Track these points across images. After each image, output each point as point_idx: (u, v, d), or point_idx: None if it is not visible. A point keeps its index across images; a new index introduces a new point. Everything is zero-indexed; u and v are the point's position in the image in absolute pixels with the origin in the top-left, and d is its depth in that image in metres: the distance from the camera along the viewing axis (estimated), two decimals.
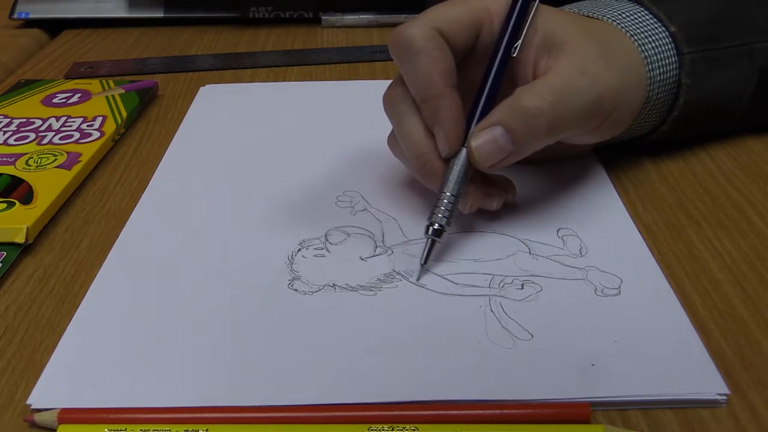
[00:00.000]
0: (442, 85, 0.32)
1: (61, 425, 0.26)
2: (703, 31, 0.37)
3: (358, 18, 0.68)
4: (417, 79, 0.33)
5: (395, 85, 0.35)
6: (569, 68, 0.32)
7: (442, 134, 0.32)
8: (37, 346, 0.30)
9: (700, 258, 0.33)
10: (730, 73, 0.38)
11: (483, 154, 0.32)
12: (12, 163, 0.42)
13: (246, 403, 0.26)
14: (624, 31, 0.36)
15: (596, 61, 0.33)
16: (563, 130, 0.33)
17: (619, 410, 0.26)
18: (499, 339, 0.29)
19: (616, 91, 0.34)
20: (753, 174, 0.39)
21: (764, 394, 0.26)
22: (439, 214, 0.32)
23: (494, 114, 0.32)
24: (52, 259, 0.36)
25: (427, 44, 0.32)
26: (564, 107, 0.32)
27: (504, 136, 0.31)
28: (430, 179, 0.34)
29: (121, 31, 0.69)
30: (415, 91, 0.33)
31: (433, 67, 0.32)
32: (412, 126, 0.34)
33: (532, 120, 0.31)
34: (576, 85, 0.32)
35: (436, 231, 0.32)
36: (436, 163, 0.33)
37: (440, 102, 0.32)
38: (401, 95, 0.34)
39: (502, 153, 0.32)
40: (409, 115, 0.34)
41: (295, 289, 0.32)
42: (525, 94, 0.32)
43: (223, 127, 0.48)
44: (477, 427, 0.25)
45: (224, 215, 0.38)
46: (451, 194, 0.32)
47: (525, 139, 0.32)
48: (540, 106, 0.31)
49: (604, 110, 0.33)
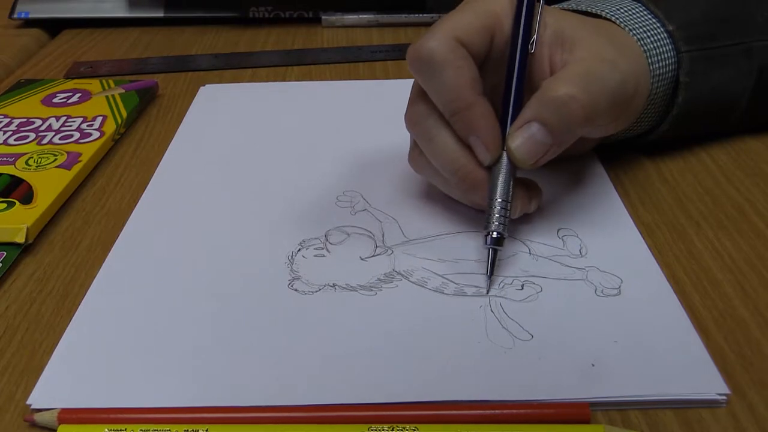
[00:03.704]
0: (472, 94, 0.32)
1: (61, 425, 0.26)
2: (701, 29, 0.37)
3: (358, 18, 0.68)
4: (445, 92, 0.32)
5: (417, 102, 0.34)
6: (588, 57, 0.32)
7: (480, 142, 0.32)
8: (37, 346, 0.30)
9: (700, 258, 0.33)
10: (728, 71, 0.38)
11: (524, 153, 0.32)
12: (12, 163, 0.42)
13: (246, 403, 0.26)
14: (623, 26, 0.36)
15: (610, 50, 0.33)
16: (597, 117, 0.32)
17: (619, 410, 0.26)
18: (499, 339, 0.29)
19: (634, 75, 0.34)
20: (753, 174, 0.39)
21: (764, 394, 0.26)
22: (496, 222, 0.32)
23: (527, 111, 0.32)
24: (52, 259, 0.36)
25: (450, 56, 0.31)
26: (595, 92, 0.31)
27: (541, 131, 0.31)
28: (473, 191, 0.33)
29: (121, 31, 0.69)
30: (444, 104, 0.32)
31: (460, 78, 0.31)
32: (445, 140, 0.33)
33: (567, 108, 0.31)
34: (599, 71, 0.32)
35: (497, 240, 0.31)
36: (478, 173, 0.32)
37: (473, 112, 0.31)
38: (426, 111, 0.33)
39: (543, 148, 0.32)
40: (438, 129, 0.33)
41: (295, 289, 0.32)
42: (552, 85, 0.31)
43: (223, 126, 0.48)
44: (477, 427, 0.25)
45: (224, 215, 0.38)
46: (503, 200, 0.32)
47: (562, 129, 0.31)
48: (572, 94, 0.31)
49: (627, 94, 0.33)
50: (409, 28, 0.67)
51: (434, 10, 0.67)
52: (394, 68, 0.57)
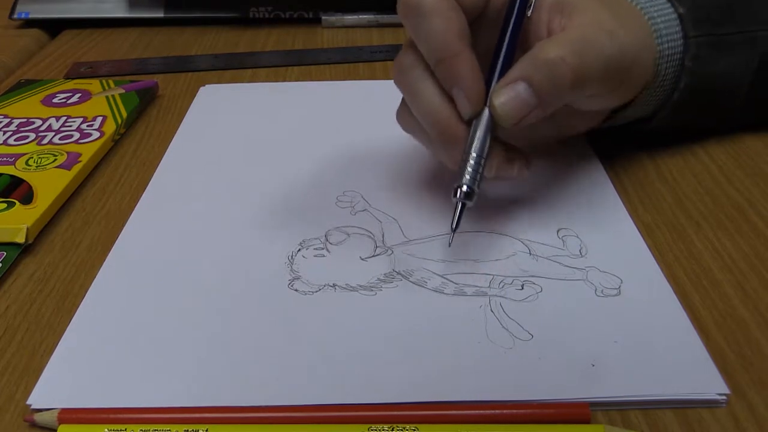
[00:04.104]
0: (458, 44, 0.31)
1: (61, 425, 0.26)
2: (709, 15, 0.37)
3: (358, 18, 0.68)
4: (431, 40, 0.31)
5: (405, 53, 0.34)
6: (586, 23, 0.32)
7: (463, 94, 0.31)
8: (37, 346, 0.30)
9: (700, 258, 0.33)
10: (732, 59, 0.38)
11: (507, 111, 0.31)
12: (12, 163, 0.42)
13: (246, 403, 0.26)
14: (636, 4, 0.36)
15: (610, 19, 0.33)
16: (586, 84, 0.32)
17: (619, 410, 0.26)
18: (499, 339, 0.29)
19: (633, 47, 0.33)
20: (753, 174, 0.39)
21: (764, 394, 0.26)
22: (467, 176, 0.31)
23: (515, 69, 0.31)
24: (52, 259, 0.36)
25: (439, 4, 0.31)
26: (587, 58, 0.31)
27: (527, 90, 0.31)
28: (451, 145, 0.32)
29: (121, 31, 0.69)
30: (429, 53, 0.32)
31: (447, 26, 0.31)
32: (428, 91, 0.32)
33: (556, 70, 0.31)
34: (596, 38, 0.32)
35: (467, 193, 0.31)
36: (458, 127, 0.32)
37: (457, 61, 0.31)
38: (413, 62, 0.33)
39: (527, 108, 0.31)
40: (423, 80, 0.32)
41: (295, 289, 0.32)
42: (546, 46, 0.31)
43: (223, 127, 0.48)
44: (477, 427, 0.25)
45: (224, 215, 0.38)
46: (477, 155, 0.31)
47: (549, 91, 0.31)
48: (563, 56, 0.31)
49: (624, 65, 0.33)
50: None
51: None
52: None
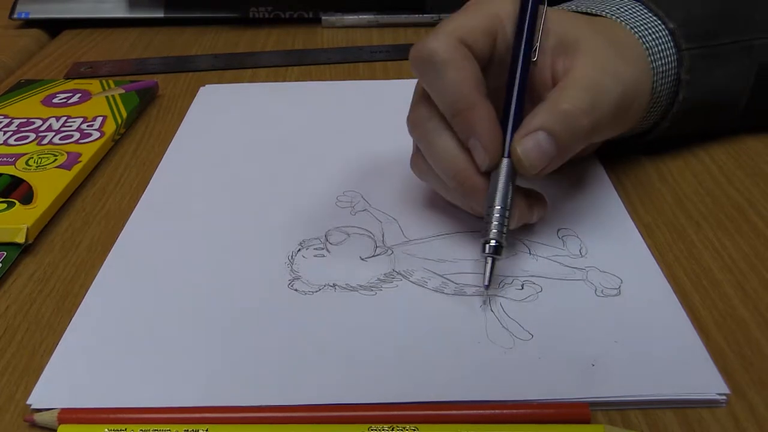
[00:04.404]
0: (475, 95, 0.31)
1: (61, 425, 0.26)
2: (701, 27, 0.37)
3: (358, 18, 0.68)
4: (447, 92, 0.31)
5: (418, 105, 0.34)
6: (591, 67, 0.32)
7: (480, 146, 0.31)
8: (37, 346, 0.30)
9: (700, 258, 0.33)
10: (729, 69, 0.38)
11: (532, 160, 0.31)
12: (12, 163, 0.42)
13: (246, 403, 0.26)
14: (624, 25, 0.36)
15: (611, 58, 0.33)
16: (601, 129, 0.32)
17: (619, 410, 0.26)
18: (499, 339, 0.29)
19: (634, 84, 0.34)
20: (753, 174, 0.39)
21: (764, 394, 0.26)
22: (494, 230, 0.30)
23: (534, 119, 0.31)
24: (52, 259, 0.36)
25: (453, 55, 0.31)
26: (600, 105, 0.32)
27: (547, 140, 0.31)
28: (471, 196, 0.32)
29: (121, 31, 0.69)
30: (446, 105, 0.32)
31: (463, 78, 0.31)
32: (445, 143, 0.32)
33: (575, 121, 0.31)
34: (603, 84, 0.32)
35: (495, 248, 0.30)
36: (476, 178, 0.32)
37: (474, 112, 0.31)
38: (427, 114, 0.33)
39: (548, 157, 0.31)
40: (439, 132, 0.32)
41: (295, 289, 0.32)
42: (562, 97, 0.31)
43: (223, 127, 0.48)
44: (477, 427, 0.25)
45: (224, 215, 0.38)
46: (501, 207, 0.31)
47: (568, 141, 0.31)
48: (581, 107, 0.31)
49: (627, 103, 0.34)
50: (409, 28, 0.67)
51: (434, 10, 0.67)
52: (394, 69, 0.57)
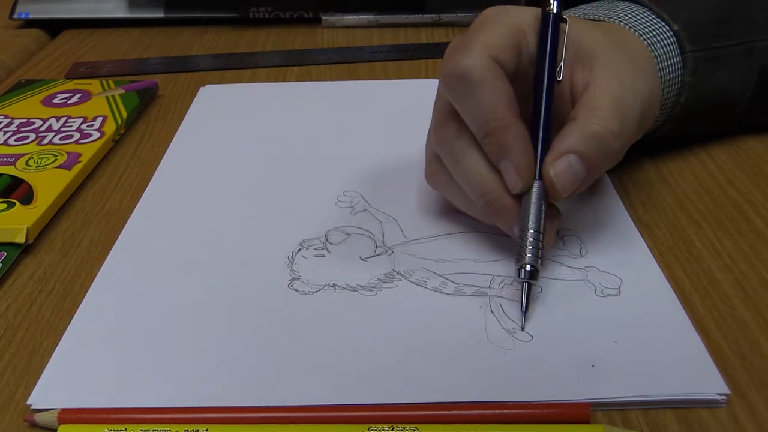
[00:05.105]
0: (509, 115, 0.30)
1: (61, 425, 0.26)
2: (704, 29, 0.37)
3: (358, 18, 0.68)
4: (480, 112, 0.30)
5: (446, 122, 0.32)
6: (611, 81, 0.32)
7: (513, 169, 0.30)
8: (37, 346, 0.30)
9: (700, 258, 0.33)
10: (730, 71, 0.38)
11: (564, 183, 0.30)
12: (12, 164, 0.42)
13: (246, 403, 0.26)
14: (634, 32, 0.36)
15: (628, 69, 0.33)
16: (627, 146, 0.32)
17: (619, 410, 0.26)
18: (499, 340, 0.29)
19: (649, 98, 0.34)
20: (753, 174, 0.39)
21: (764, 394, 0.26)
22: (530, 254, 0.30)
23: (565, 141, 0.31)
24: (52, 259, 0.36)
25: (487, 74, 0.30)
26: (627, 122, 0.31)
27: (578, 163, 0.30)
28: (500, 218, 0.32)
29: (121, 31, 0.69)
30: (478, 125, 0.31)
31: (498, 97, 0.30)
32: (475, 163, 0.32)
33: (605, 143, 0.30)
34: (627, 100, 0.32)
35: (531, 273, 0.30)
36: (506, 200, 0.31)
37: (508, 133, 0.30)
38: (456, 131, 0.32)
39: (578, 180, 0.31)
40: (469, 151, 0.32)
41: (295, 289, 0.32)
42: (592, 119, 0.31)
43: (223, 127, 0.48)
44: (477, 427, 0.25)
45: (224, 215, 0.38)
46: (535, 230, 0.30)
47: (599, 162, 0.31)
48: (612, 129, 0.30)
49: (645, 119, 0.34)
50: (409, 28, 0.67)
51: (434, 10, 0.67)
52: (394, 69, 0.57)
